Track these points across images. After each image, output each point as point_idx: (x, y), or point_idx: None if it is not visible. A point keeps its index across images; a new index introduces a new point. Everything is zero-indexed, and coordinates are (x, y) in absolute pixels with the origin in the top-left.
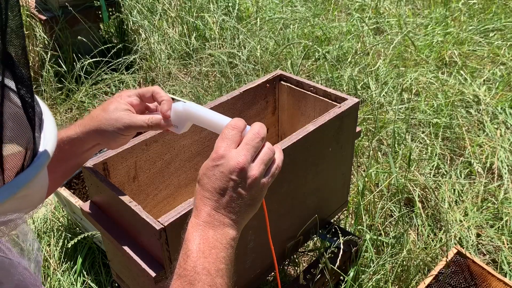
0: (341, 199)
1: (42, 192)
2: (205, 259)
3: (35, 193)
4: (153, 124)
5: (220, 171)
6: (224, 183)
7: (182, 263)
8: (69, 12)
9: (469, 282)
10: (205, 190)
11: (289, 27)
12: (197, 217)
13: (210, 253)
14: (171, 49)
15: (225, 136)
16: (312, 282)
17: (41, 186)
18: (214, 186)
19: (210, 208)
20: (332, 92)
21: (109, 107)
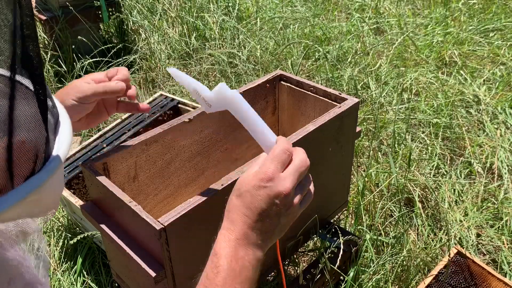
0: (341, 199)
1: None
2: (234, 279)
3: (48, 198)
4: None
5: (266, 193)
6: (267, 206)
7: (211, 276)
8: (69, 12)
9: (469, 282)
10: (246, 208)
11: (289, 27)
12: (231, 232)
13: (240, 272)
14: (171, 49)
15: (277, 158)
16: (312, 282)
17: (54, 190)
18: (256, 206)
19: (247, 227)
20: (332, 92)
21: (70, 85)
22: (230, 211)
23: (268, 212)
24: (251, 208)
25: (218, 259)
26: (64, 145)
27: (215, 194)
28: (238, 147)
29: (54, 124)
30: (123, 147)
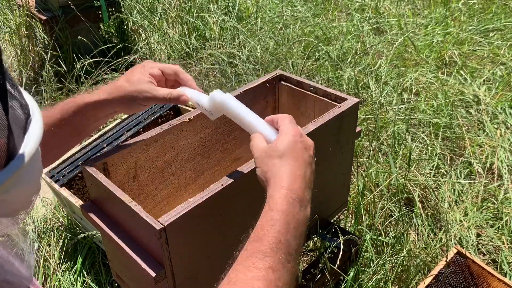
0: (341, 199)
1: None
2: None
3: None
4: (173, 98)
5: (303, 146)
6: (310, 158)
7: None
8: (69, 12)
9: (469, 282)
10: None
11: (289, 27)
12: (285, 187)
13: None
14: (171, 49)
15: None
16: (312, 282)
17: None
18: (301, 158)
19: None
20: (332, 92)
21: (133, 79)
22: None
23: (309, 163)
24: (298, 162)
25: (274, 211)
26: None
27: (215, 194)
28: (238, 147)
29: (24, 121)
30: (123, 147)
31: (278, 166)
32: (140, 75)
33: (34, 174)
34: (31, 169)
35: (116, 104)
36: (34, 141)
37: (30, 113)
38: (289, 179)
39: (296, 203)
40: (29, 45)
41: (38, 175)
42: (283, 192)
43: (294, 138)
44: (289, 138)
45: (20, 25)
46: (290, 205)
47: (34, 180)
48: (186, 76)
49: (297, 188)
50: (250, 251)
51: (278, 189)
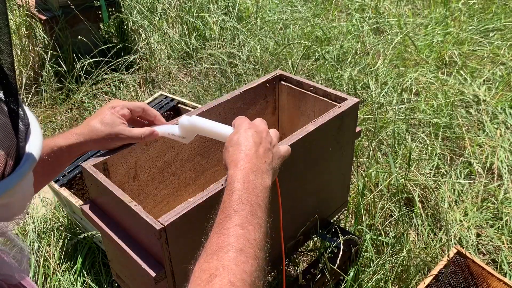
0: (341, 199)
1: (24, 202)
2: (249, 194)
3: (17, 201)
4: (146, 136)
5: (253, 131)
6: (259, 139)
7: (226, 199)
8: (69, 12)
9: (469, 282)
10: (241, 145)
11: (289, 27)
12: (237, 166)
13: (253, 191)
14: (171, 49)
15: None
16: (312, 282)
17: (23, 195)
18: (252, 141)
19: (251, 157)
20: (332, 92)
21: (106, 120)
22: (231, 157)
23: (261, 142)
24: (248, 144)
25: (231, 185)
26: (35, 151)
27: (215, 194)
28: None
29: (25, 132)
30: (123, 147)
31: (232, 152)
32: (112, 116)
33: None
34: (30, 176)
35: (91, 145)
36: (36, 150)
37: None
38: (241, 158)
39: (250, 172)
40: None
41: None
42: (237, 168)
43: (242, 127)
44: (238, 129)
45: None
46: (244, 174)
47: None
48: (153, 112)
49: (248, 161)
50: (218, 221)
51: (233, 167)
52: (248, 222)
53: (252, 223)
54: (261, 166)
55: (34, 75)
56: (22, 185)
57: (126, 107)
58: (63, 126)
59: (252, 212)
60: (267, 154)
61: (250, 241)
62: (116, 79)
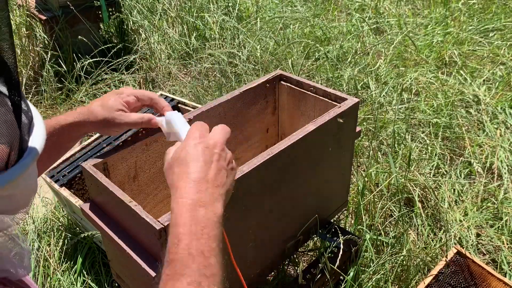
0: (341, 199)
1: (28, 195)
2: (198, 241)
3: (21, 194)
4: (145, 122)
5: (204, 146)
6: (210, 156)
7: (173, 249)
8: (69, 12)
9: (469, 282)
10: (188, 167)
11: (289, 27)
12: (184, 197)
13: (202, 233)
14: (171, 49)
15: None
16: (312, 282)
17: (26, 187)
18: (200, 160)
19: (200, 183)
20: (332, 92)
21: (107, 104)
22: (175, 181)
23: (211, 162)
24: (195, 165)
25: (178, 229)
26: (38, 143)
27: None
28: (238, 147)
29: (28, 125)
30: (123, 147)
31: (177, 174)
32: (114, 102)
33: (35, 174)
34: (33, 169)
35: (89, 126)
36: (39, 143)
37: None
38: (187, 186)
39: (198, 207)
40: (29, 45)
41: (36, 176)
42: (180, 202)
43: (191, 140)
44: (187, 142)
45: (20, 25)
46: (191, 211)
47: (35, 180)
48: (162, 103)
49: (196, 191)
50: (165, 277)
51: (175, 199)
52: (200, 276)
53: (206, 275)
54: (212, 193)
55: (34, 75)
56: (25, 178)
57: (133, 94)
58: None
59: (204, 263)
60: (220, 176)
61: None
62: (116, 79)
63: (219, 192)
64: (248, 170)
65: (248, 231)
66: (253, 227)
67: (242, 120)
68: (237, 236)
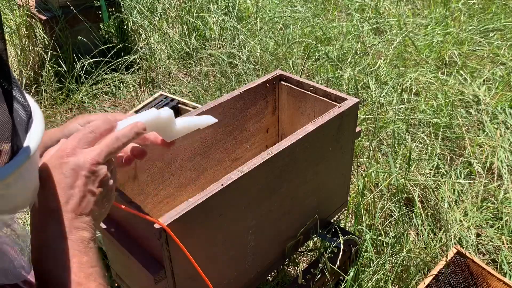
0: (341, 199)
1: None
2: (69, 272)
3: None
4: None
5: (70, 168)
6: (73, 181)
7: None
8: (69, 12)
9: (469, 282)
10: (50, 192)
11: (289, 27)
12: (43, 231)
13: (72, 263)
14: (171, 49)
15: (79, 135)
16: (312, 282)
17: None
18: (61, 185)
19: (57, 214)
20: (332, 92)
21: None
22: (39, 207)
23: (74, 188)
24: (57, 190)
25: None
26: (34, 141)
27: (215, 194)
28: (238, 147)
29: (26, 121)
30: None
31: (41, 198)
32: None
33: (33, 172)
34: (31, 167)
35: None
36: (35, 140)
37: (32, 114)
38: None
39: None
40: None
41: (37, 174)
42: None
43: (58, 160)
44: (53, 161)
45: (20, 25)
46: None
47: (34, 178)
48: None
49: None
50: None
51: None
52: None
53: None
54: (72, 224)
55: (34, 75)
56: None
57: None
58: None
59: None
60: (85, 202)
61: None
62: (116, 79)
63: (84, 220)
64: (248, 170)
65: (248, 231)
66: (253, 227)
67: (242, 120)
68: (237, 236)
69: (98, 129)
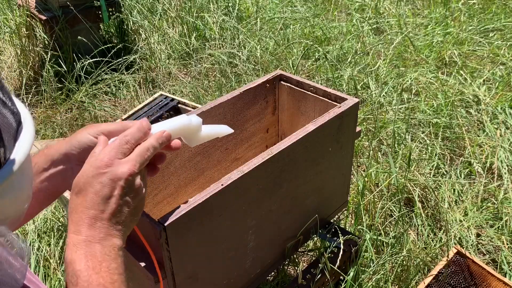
0: (341, 199)
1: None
2: (98, 275)
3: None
4: None
5: (108, 178)
6: (110, 191)
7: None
8: (69, 12)
9: (469, 282)
10: (86, 200)
11: (289, 27)
12: (78, 233)
13: (101, 267)
14: (171, 49)
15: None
16: (312, 282)
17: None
18: (99, 194)
19: (92, 220)
20: (332, 92)
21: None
22: (72, 212)
23: (111, 197)
24: (93, 199)
25: (74, 266)
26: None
27: (215, 194)
28: (238, 147)
29: (15, 129)
30: None
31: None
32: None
33: (25, 181)
34: (21, 177)
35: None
36: (24, 149)
37: (22, 121)
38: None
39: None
40: (29, 45)
41: (29, 183)
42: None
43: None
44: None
45: (20, 25)
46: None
47: (26, 188)
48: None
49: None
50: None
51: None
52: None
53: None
54: (108, 231)
55: (34, 75)
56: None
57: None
58: (63, 126)
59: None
60: (120, 212)
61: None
62: (116, 79)
63: (117, 228)
64: (248, 170)
65: (248, 231)
66: (253, 227)
67: (242, 120)
68: (237, 236)
69: (133, 138)
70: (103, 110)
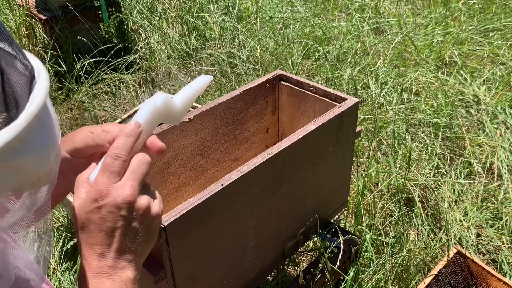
0: (341, 199)
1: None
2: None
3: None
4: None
5: (108, 211)
6: (114, 223)
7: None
8: (69, 12)
9: (469, 282)
10: (90, 236)
11: (289, 27)
12: (89, 268)
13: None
14: (171, 49)
15: (107, 169)
16: (312, 282)
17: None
18: (102, 229)
19: (100, 256)
20: (332, 92)
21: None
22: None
23: (115, 229)
24: (98, 235)
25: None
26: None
27: (215, 194)
28: (238, 147)
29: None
30: None
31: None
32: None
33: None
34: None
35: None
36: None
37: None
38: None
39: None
40: (29, 45)
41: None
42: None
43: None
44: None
45: (20, 25)
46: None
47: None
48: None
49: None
50: None
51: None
52: None
53: None
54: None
55: None
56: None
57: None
58: (63, 126)
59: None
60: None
61: None
62: (116, 79)
63: (128, 259)
64: (248, 170)
65: (248, 231)
66: (253, 227)
67: (242, 120)
68: (237, 236)
69: (124, 149)
70: (103, 110)
